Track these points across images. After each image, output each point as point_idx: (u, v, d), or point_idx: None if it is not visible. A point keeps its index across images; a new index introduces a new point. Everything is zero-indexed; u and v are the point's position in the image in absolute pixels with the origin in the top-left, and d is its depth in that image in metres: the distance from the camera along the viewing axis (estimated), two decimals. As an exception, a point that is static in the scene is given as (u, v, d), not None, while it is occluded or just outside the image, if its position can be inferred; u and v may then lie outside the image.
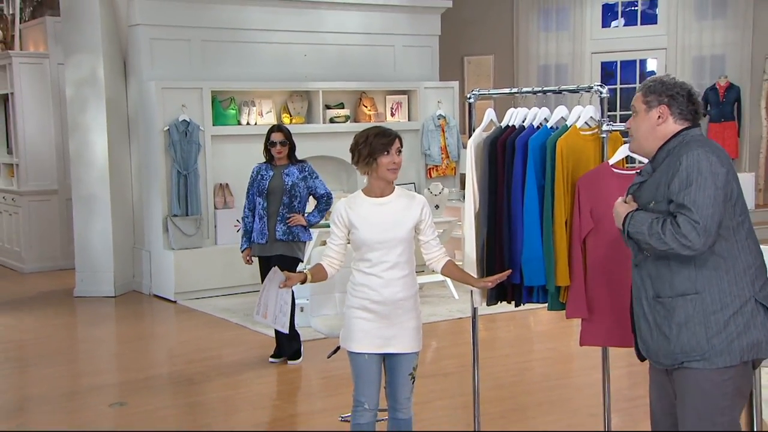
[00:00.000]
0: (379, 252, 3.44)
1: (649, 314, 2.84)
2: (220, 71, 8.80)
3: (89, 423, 4.97)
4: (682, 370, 2.78)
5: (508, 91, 4.01)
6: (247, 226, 5.97)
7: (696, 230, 2.66)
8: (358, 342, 3.50)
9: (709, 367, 2.72)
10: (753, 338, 2.73)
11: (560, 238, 3.53)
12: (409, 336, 3.51)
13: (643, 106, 2.91)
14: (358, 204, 3.51)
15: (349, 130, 8.96)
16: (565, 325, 6.74)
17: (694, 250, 2.68)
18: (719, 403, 2.75)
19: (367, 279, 3.47)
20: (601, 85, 3.69)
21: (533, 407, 5.04)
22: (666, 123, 2.87)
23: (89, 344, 7.15)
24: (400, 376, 3.54)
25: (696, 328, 2.73)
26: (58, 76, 9.92)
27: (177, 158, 8.26)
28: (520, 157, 3.62)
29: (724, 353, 2.71)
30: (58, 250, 10.21)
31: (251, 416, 5.02)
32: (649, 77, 2.99)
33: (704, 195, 2.68)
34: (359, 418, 3.54)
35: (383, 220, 3.46)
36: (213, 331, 7.10)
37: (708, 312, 2.73)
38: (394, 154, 3.45)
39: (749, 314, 2.73)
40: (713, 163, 2.71)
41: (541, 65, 11.88)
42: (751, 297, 2.74)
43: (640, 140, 2.94)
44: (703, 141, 2.82)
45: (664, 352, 2.80)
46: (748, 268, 2.76)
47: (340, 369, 5.49)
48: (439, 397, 5.15)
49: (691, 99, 2.87)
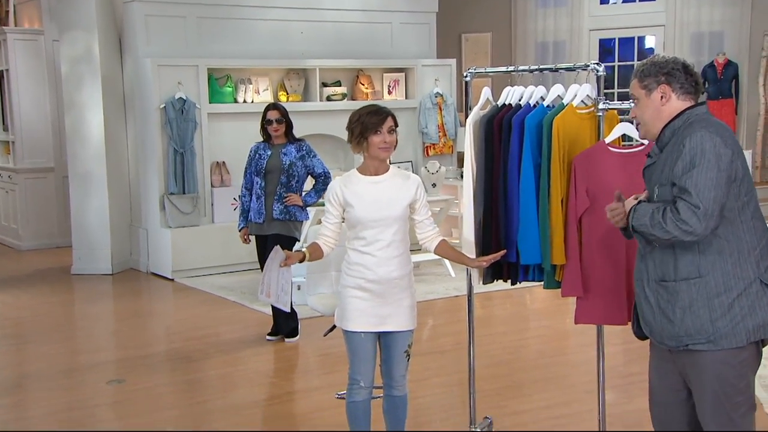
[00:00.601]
0: (374, 230, 3.45)
1: (651, 298, 2.83)
2: (216, 48, 8.76)
3: (87, 400, 5.00)
4: (689, 352, 2.77)
5: (505, 69, 4.00)
6: (244, 205, 5.98)
7: (696, 215, 2.63)
8: (354, 321, 3.51)
9: (715, 348, 2.70)
10: (759, 319, 2.71)
11: (556, 216, 3.53)
12: (404, 314, 3.53)
13: (642, 91, 2.87)
14: (353, 182, 3.51)
15: (346, 108, 8.94)
16: (560, 303, 6.77)
17: (696, 235, 2.65)
18: (737, 385, 2.75)
19: (362, 258, 3.47)
20: (597, 63, 3.68)
21: (529, 384, 5.08)
22: (670, 101, 2.83)
23: (87, 322, 7.18)
24: (396, 353, 3.56)
25: (700, 312, 2.71)
26: (54, 53, 9.87)
27: (173, 136, 8.25)
28: (517, 135, 3.62)
29: (730, 335, 2.69)
30: (55, 227, 10.21)
31: (249, 393, 5.05)
32: (640, 62, 2.95)
33: (706, 177, 2.64)
34: (355, 396, 3.57)
35: (378, 198, 3.46)
36: (210, 309, 7.13)
37: (711, 295, 2.71)
38: (385, 133, 3.43)
39: (754, 295, 2.71)
40: (717, 144, 2.67)
41: (539, 42, 11.83)
42: (756, 278, 2.72)
43: (647, 126, 2.90)
44: (708, 121, 2.78)
45: (668, 334, 2.79)
46: (752, 249, 2.73)
47: (337, 347, 5.51)
48: (436, 375, 5.18)
49: (687, 71, 2.83)
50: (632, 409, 4.54)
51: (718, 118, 2.91)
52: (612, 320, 3.57)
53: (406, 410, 3.66)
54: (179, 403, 4.97)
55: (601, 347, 3.77)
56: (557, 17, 11.72)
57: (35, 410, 4.92)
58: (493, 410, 4.38)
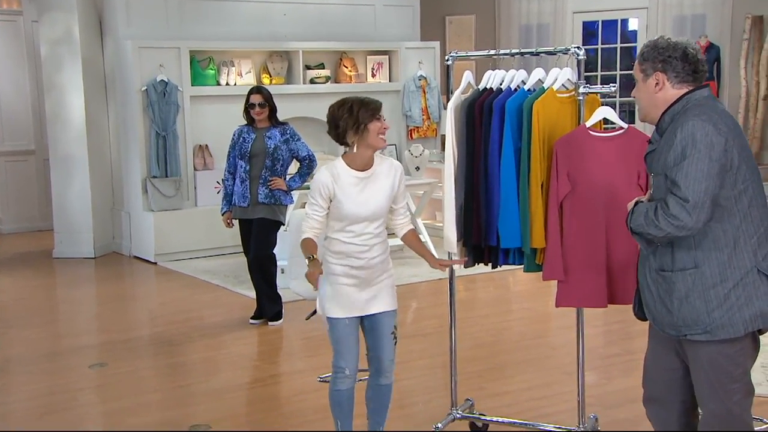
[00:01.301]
0: (362, 224, 3.44)
1: (653, 286, 2.83)
2: (198, 30, 8.71)
3: (69, 384, 5.01)
4: (688, 341, 2.78)
5: (486, 53, 4.01)
6: (227, 189, 5.97)
7: (685, 209, 2.61)
8: (340, 307, 3.47)
9: (712, 339, 2.71)
10: (756, 309, 2.69)
11: (536, 200, 3.56)
12: (387, 294, 3.52)
13: (640, 74, 2.85)
14: (342, 177, 3.42)
15: (330, 91, 8.95)
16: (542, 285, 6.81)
17: (689, 229, 2.63)
18: (732, 372, 2.76)
19: (347, 247, 3.45)
20: (578, 47, 3.69)
21: (511, 366, 5.13)
22: (664, 89, 2.80)
23: (69, 305, 7.17)
24: (383, 336, 3.53)
25: (696, 303, 2.70)
26: (33, 34, 9.77)
27: (155, 119, 8.21)
28: (497, 119, 3.64)
29: (726, 326, 2.68)
30: (36, 210, 10.16)
31: (232, 376, 5.08)
32: (646, 42, 2.90)
33: (697, 169, 2.60)
34: (340, 384, 3.53)
35: (369, 197, 3.43)
36: (194, 293, 7.13)
37: (707, 286, 2.69)
38: (383, 120, 3.42)
39: (751, 285, 2.69)
40: (709, 133, 2.63)
41: (523, 25, 11.83)
42: (753, 267, 2.69)
43: (644, 109, 2.89)
44: (705, 107, 2.73)
45: (667, 323, 2.80)
46: (749, 238, 2.69)
47: (320, 330, 5.53)
48: (419, 357, 5.22)
49: (686, 59, 2.77)
50: (612, 389, 4.61)
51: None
52: (592, 303, 3.61)
53: (391, 398, 3.64)
54: (162, 386, 4.99)
55: (581, 329, 3.82)
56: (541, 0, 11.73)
57: (17, 394, 4.92)
58: (475, 392, 4.42)
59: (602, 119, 3.59)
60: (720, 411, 2.78)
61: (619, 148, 3.52)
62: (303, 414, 4.41)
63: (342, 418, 3.57)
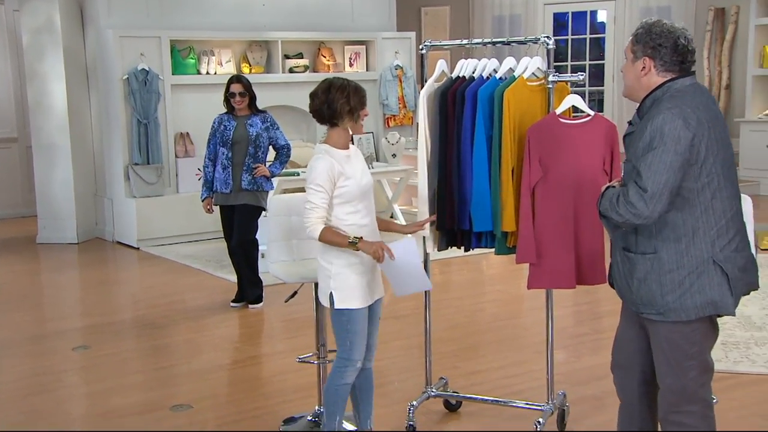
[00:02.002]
0: (365, 201, 3.39)
1: (621, 264, 2.88)
2: (178, 20, 8.64)
3: (54, 366, 4.98)
4: (646, 319, 2.84)
5: (459, 42, 4.01)
6: (207, 176, 5.94)
7: (643, 198, 2.63)
8: (362, 298, 3.34)
9: (665, 320, 2.76)
10: (707, 297, 2.72)
11: (507, 185, 3.57)
12: (381, 280, 3.49)
13: (630, 54, 2.84)
14: (338, 157, 3.35)
15: (308, 80, 8.92)
16: (513, 268, 6.86)
17: (645, 218, 2.66)
18: (688, 351, 2.79)
19: (360, 231, 3.33)
20: (548, 36, 3.70)
21: (483, 346, 5.16)
22: (649, 74, 2.79)
23: (53, 290, 7.12)
24: (376, 321, 3.50)
25: (652, 285, 2.75)
26: (14, 23, 9.65)
27: (137, 107, 8.15)
28: (470, 107, 3.64)
29: (678, 310, 2.73)
30: (20, 197, 10.07)
31: (213, 358, 5.07)
32: (643, 22, 2.85)
33: (660, 161, 2.62)
34: (349, 378, 3.40)
35: (360, 169, 3.41)
36: (176, 277, 7.11)
37: (664, 271, 2.73)
38: (366, 107, 3.44)
39: (705, 275, 2.71)
40: (677, 127, 2.63)
41: (496, 16, 11.85)
42: (709, 257, 2.72)
43: (628, 87, 2.89)
44: (681, 99, 2.71)
45: (629, 299, 2.87)
46: (709, 230, 2.71)
47: (299, 312, 5.56)
48: (396, 338, 5.24)
49: (676, 49, 2.75)
50: (580, 367, 4.66)
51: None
52: (562, 284, 3.63)
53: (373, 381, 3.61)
54: (145, 368, 4.98)
55: (551, 310, 3.85)
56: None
57: (3, 376, 4.89)
58: (449, 371, 4.45)
59: (571, 107, 3.61)
60: (676, 386, 2.83)
61: (586, 135, 3.54)
62: (283, 394, 4.42)
63: (339, 411, 3.43)
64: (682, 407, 2.83)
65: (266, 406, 4.26)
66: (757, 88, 10.77)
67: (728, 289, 2.74)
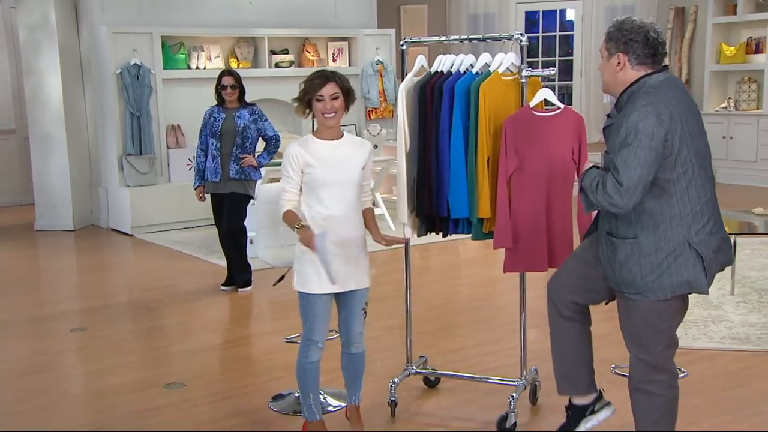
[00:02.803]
0: (335, 190, 3.25)
1: (605, 247, 2.92)
2: (169, 17, 8.56)
3: (52, 346, 4.94)
4: (624, 296, 2.89)
5: (437, 39, 3.99)
6: (199, 165, 5.90)
7: (619, 192, 2.68)
8: (320, 284, 3.24)
9: (644, 299, 2.81)
10: (683, 278, 2.77)
11: (482, 174, 3.57)
12: (362, 273, 3.37)
13: (605, 52, 2.87)
14: (311, 146, 3.28)
15: (294, 74, 8.90)
16: (488, 253, 6.89)
17: (619, 208, 2.71)
18: (658, 326, 2.86)
19: (325, 221, 3.25)
20: (521, 33, 3.68)
21: (460, 326, 5.18)
22: (624, 69, 2.81)
23: (51, 275, 7.06)
24: (355, 311, 3.41)
25: (633, 268, 2.80)
26: (11, 20, 9.52)
27: (130, 100, 8.08)
28: (447, 100, 3.63)
29: (656, 289, 2.78)
30: (18, 186, 9.97)
31: (205, 338, 5.05)
32: (614, 21, 2.89)
33: (634, 156, 2.65)
34: (312, 356, 3.36)
35: (338, 161, 3.27)
36: (168, 262, 7.06)
37: (643, 254, 2.78)
38: (327, 100, 3.20)
39: (681, 257, 2.76)
40: (651, 124, 2.65)
41: (471, 14, 11.83)
42: (685, 241, 2.76)
43: (606, 83, 2.92)
44: (654, 95, 2.73)
45: (611, 280, 2.91)
46: (684, 216, 2.75)
47: (286, 296, 5.53)
48: (378, 319, 5.22)
49: (647, 42, 2.78)
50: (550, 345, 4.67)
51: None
52: (535, 268, 3.64)
53: (364, 364, 3.55)
54: (139, 348, 4.95)
55: (524, 292, 3.86)
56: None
57: (4, 355, 4.84)
58: (428, 349, 4.45)
59: (543, 100, 3.60)
60: (646, 359, 2.90)
61: (557, 127, 3.54)
62: (271, 372, 4.41)
63: (311, 388, 3.40)
64: (652, 377, 2.90)
65: (256, 383, 4.25)
66: (714, 83, 10.85)
67: (702, 269, 2.78)
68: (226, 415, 3.85)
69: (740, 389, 4.02)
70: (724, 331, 4.85)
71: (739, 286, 5.74)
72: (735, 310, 5.25)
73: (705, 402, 3.87)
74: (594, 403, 3.19)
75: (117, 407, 3.98)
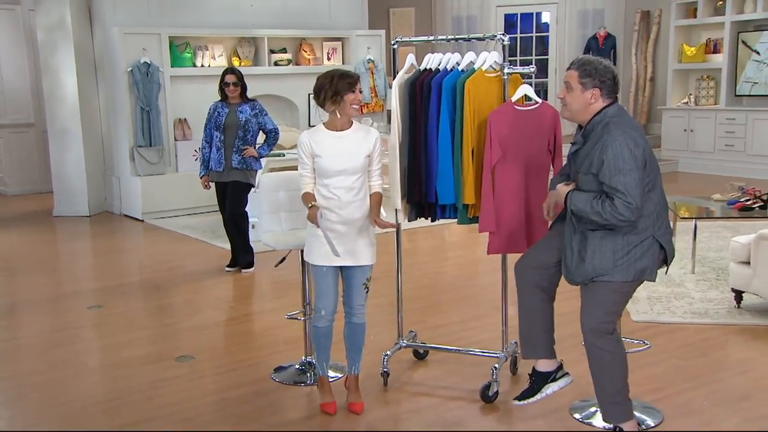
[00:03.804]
0: (338, 178, 3.32)
1: (575, 243, 3.03)
2: (176, 18, 8.48)
3: (71, 322, 4.91)
4: (593, 282, 3.02)
5: (426, 38, 3.96)
6: (204, 156, 5.85)
7: (630, 209, 2.88)
8: (320, 256, 3.35)
9: (612, 279, 2.98)
10: (645, 264, 2.99)
11: (467, 164, 3.55)
12: (362, 251, 3.40)
13: (579, 85, 3.00)
14: (320, 136, 3.35)
15: (292, 72, 8.85)
16: (473, 236, 6.89)
17: (629, 222, 2.92)
18: (617, 301, 3.04)
19: (326, 202, 3.33)
20: (503, 34, 3.66)
21: (446, 303, 5.17)
22: (597, 102, 3.00)
23: (68, 257, 7.00)
24: (355, 286, 3.44)
25: (607, 254, 2.97)
26: (30, 22, 9.41)
27: (140, 96, 8.01)
28: (435, 95, 3.60)
29: (623, 272, 2.97)
30: (37, 175, 9.90)
31: (211, 315, 5.03)
32: (584, 58, 3.05)
33: (631, 178, 2.87)
34: (317, 322, 3.46)
35: (342, 151, 3.32)
36: (176, 246, 7.02)
37: (618, 243, 2.97)
38: (357, 92, 3.34)
39: (647, 247, 2.98)
40: (632, 148, 2.88)
41: (455, 16, 11.77)
42: (651, 235, 2.98)
43: (573, 112, 3.05)
44: (622, 122, 2.94)
45: (580, 272, 3.02)
46: (650, 215, 2.97)
47: (287, 276, 5.52)
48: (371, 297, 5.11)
49: (614, 81, 3.01)
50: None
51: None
52: (515, 249, 3.63)
53: (364, 336, 3.56)
54: (151, 324, 4.92)
55: (505, 271, 3.85)
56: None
57: (26, 331, 4.81)
58: (417, 325, 4.45)
59: (524, 95, 3.58)
60: (600, 324, 3.03)
61: (535, 120, 3.52)
62: (273, 346, 4.39)
63: (320, 350, 3.52)
64: (604, 337, 3.05)
65: (259, 356, 4.23)
66: (676, 80, 10.85)
67: (663, 259, 3.04)
68: (232, 385, 3.84)
69: (699, 359, 4.04)
70: (685, 306, 4.87)
71: (699, 266, 5.76)
72: (695, 287, 5.28)
73: (667, 370, 3.89)
74: (556, 372, 3.30)
75: (131, 378, 3.96)
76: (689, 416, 3.41)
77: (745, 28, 10.11)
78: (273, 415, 3.51)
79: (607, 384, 3.06)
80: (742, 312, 4.73)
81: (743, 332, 4.43)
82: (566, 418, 3.41)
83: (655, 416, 3.39)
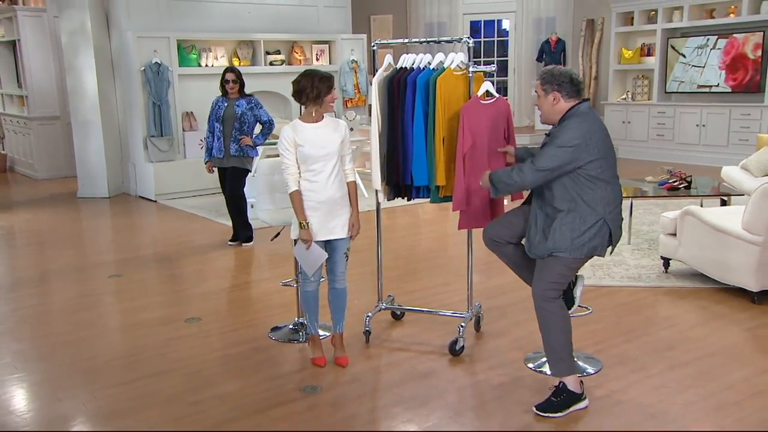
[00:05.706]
0: (321, 163, 3.31)
1: (540, 222, 3.02)
2: (183, 24, 8.32)
3: (94, 289, 4.84)
4: (551, 256, 3.00)
5: (402, 41, 3.90)
6: (208, 144, 5.77)
7: (532, 169, 2.89)
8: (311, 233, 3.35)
9: (568, 256, 2.97)
10: (597, 243, 2.97)
11: (439, 150, 3.52)
12: (344, 224, 3.40)
13: (542, 92, 3.00)
14: (300, 129, 3.34)
15: (285, 71, 8.74)
16: (442, 214, 6.88)
17: (527, 184, 2.93)
18: (564, 273, 3.02)
19: (311, 185, 3.32)
20: (469, 37, 3.63)
21: (420, 271, 5.16)
22: (559, 103, 2.97)
23: (91, 232, 6.89)
24: (338, 255, 3.44)
25: (566, 232, 2.95)
26: (55, 27, 9.20)
27: (152, 92, 7.87)
28: (410, 91, 3.56)
29: (578, 249, 2.96)
30: (63, 161, 9.74)
31: (216, 283, 4.98)
32: (544, 69, 3.05)
33: (555, 152, 2.86)
34: (306, 287, 3.48)
35: (321, 139, 3.32)
36: (185, 223, 6.94)
37: (575, 224, 2.95)
38: (333, 93, 3.37)
39: (598, 228, 2.96)
40: (570, 139, 2.86)
41: (427, 23, 11.67)
42: (602, 218, 2.96)
43: (544, 114, 3.04)
44: (584, 117, 2.91)
45: (542, 247, 3.00)
46: (602, 200, 2.95)
47: (281, 249, 5.48)
48: (354, 267, 5.18)
49: (572, 82, 2.96)
50: (491, 285, 4.69)
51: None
52: (480, 224, 3.62)
53: (346, 299, 3.56)
54: (164, 290, 4.86)
55: (471, 244, 3.84)
56: (440, 4, 11.59)
57: (56, 296, 4.74)
58: (395, 290, 4.44)
59: (486, 91, 3.55)
60: (548, 290, 3.04)
61: (494, 112, 3.50)
62: (269, 309, 4.36)
63: (310, 311, 3.52)
64: (551, 301, 3.05)
65: (257, 318, 4.20)
66: (616, 79, 10.87)
67: (609, 240, 3.02)
68: (234, 343, 3.81)
69: (633, 316, 4.08)
70: (622, 272, 4.90)
71: (634, 237, 5.81)
72: (631, 255, 5.31)
73: (606, 327, 3.92)
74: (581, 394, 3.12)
75: (147, 337, 3.92)
76: (624, 364, 3.44)
77: (674, 34, 10.14)
78: (271, 368, 3.49)
79: (553, 341, 3.05)
80: (669, 276, 4.77)
81: (670, 293, 4.47)
82: (522, 369, 3.42)
83: (595, 365, 3.43)
